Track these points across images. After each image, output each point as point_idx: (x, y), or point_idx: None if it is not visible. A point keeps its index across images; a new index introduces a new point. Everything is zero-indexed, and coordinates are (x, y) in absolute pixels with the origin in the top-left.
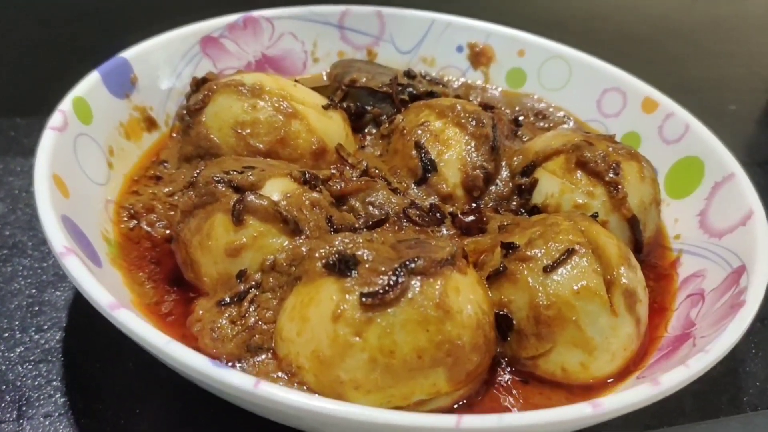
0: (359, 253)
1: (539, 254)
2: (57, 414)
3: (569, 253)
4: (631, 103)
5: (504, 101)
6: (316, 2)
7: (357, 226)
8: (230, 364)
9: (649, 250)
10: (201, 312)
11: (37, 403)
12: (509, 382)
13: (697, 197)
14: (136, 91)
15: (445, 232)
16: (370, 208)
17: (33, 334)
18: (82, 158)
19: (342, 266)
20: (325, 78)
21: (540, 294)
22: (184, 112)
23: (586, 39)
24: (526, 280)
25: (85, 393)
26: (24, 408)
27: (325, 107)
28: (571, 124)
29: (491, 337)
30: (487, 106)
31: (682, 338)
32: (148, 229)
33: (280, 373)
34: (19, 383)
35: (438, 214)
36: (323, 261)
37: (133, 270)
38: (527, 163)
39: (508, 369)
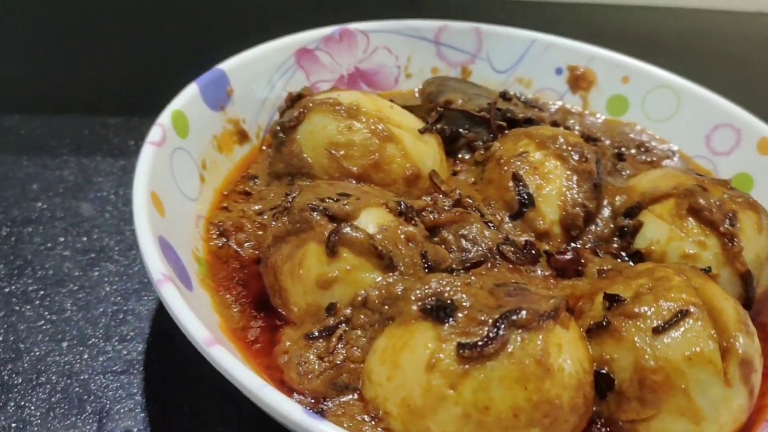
0: (457, 297)
1: (648, 312)
2: (136, 429)
3: (682, 314)
4: (746, 142)
5: (604, 130)
6: (413, 16)
7: (453, 266)
8: (314, 401)
9: (760, 308)
10: (288, 344)
11: (117, 416)
12: None
13: None
14: (231, 104)
15: (539, 272)
16: (463, 241)
17: (116, 343)
18: (178, 173)
19: (439, 312)
20: (416, 95)
21: (647, 356)
22: (278, 128)
23: (688, 60)
24: (633, 339)
25: (165, 409)
26: (104, 420)
27: (422, 131)
28: (676, 159)
29: (590, 396)
30: (589, 138)
31: None
32: (237, 248)
33: (366, 417)
34: (100, 394)
35: (533, 252)
36: (419, 304)
37: (221, 291)
38: (632, 204)
39: (604, 430)
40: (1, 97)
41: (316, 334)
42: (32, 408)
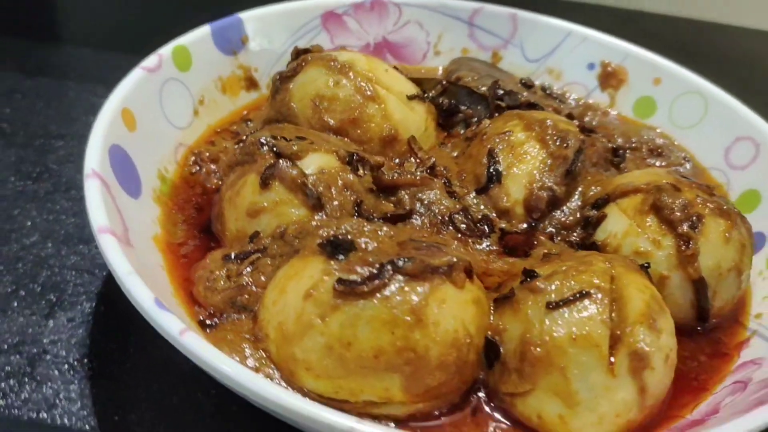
0: (359, 240)
1: (550, 289)
2: (78, 320)
3: (582, 295)
4: (763, 158)
5: (621, 130)
6: None
7: (373, 215)
8: (210, 314)
9: (719, 323)
10: (208, 261)
11: (69, 308)
12: (479, 414)
13: None
14: (245, 51)
15: (485, 246)
16: (418, 204)
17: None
18: (167, 100)
19: (335, 248)
20: (440, 72)
21: (534, 329)
22: (277, 77)
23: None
24: (526, 312)
25: (109, 306)
26: (56, 308)
27: (410, 97)
28: (688, 167)
29: (469, 359)
30: (585, 129)
31: (696, 424)
32: (205, 177)
33: (250, 337)
34: (63, 287)
35: (486, 227)
36: (320, 240)
37: (175, 210)
38: (601, 196)
39: (485, 399)
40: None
41: (233, 256)
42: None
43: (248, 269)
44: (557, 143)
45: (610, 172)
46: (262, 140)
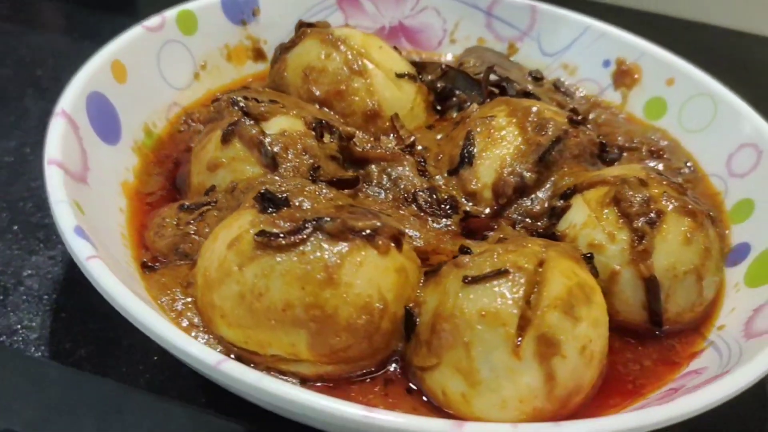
0: (295, 199)
1: (472, 264)
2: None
3: (500, 273)
4: (763, 166)
5: (626, 129)
6: None
7: (321, 178)
8: (154, 257)
9: (677, 331)
10: (166, 209)
11: (52, 247)
12: (390, 386)
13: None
14: (255, 22)
15: (442, 225)
16: (385, 178)
17: None
18: (166, 60)
19: (267, 202)
20: (449, 58)
21: (448, 303)
22: (278, 48)
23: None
24: (445, 285)
25: None
26: (41, 246)
27: (398, 75)
28: (686, 171)
29: (382, 327)
30: (576, 121)
31: None
32: (192, 136)
33: (182, 281)
34: (52, 228)
35: (448, 208)
36: (257, 193)
37: (153, 162)
38: (570, 186)
39: (400, 372)
40: None
41: (186, 206)
42: None
43: (197, 219)
44: (535, 130)
45: (596, 167)
46: (234, 99)
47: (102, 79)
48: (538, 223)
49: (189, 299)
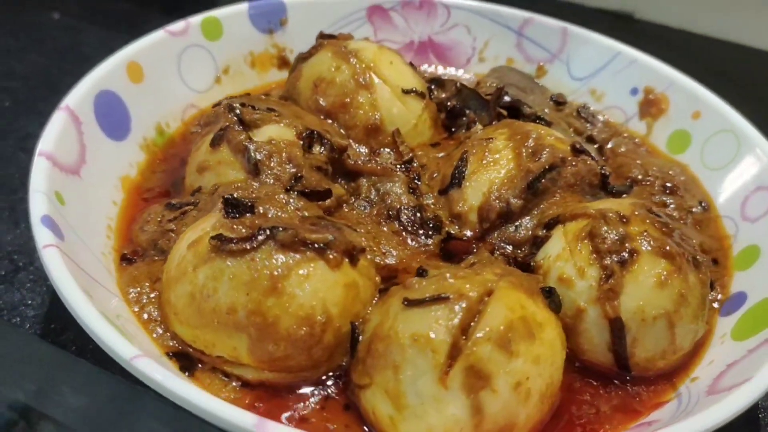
0: (261, 207)
1: (417, 287)
2: None
3: (439, 299)
4: None
5: (644, 161)
6: (500, 1)
7: (291, 187)
8: (135, 250)
9: (651, 378)
10: (155, 206)
11: None
12: (330, 399)
13: (747, 346)
14: (282, 32)
15: (421, 244)
16: (373, 192)
17: None
18: (187, 64)
19: (232, 207)
20: (472, 77)
21: (386, 323)
22: (297, 58)
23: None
24: (389, 305)
25: None
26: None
27: (405, 91)
28: (698, 211)
29: (324, 340)
30: (578, 150)
31: None
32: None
33: (152, 276)
34: None
35: (431, 228)
36: (226, 198)
37: (160, 160)
38: (554, 216)
39: (341, 386)
40: None
41: (172, 204)
42: None
43: (178, 218)
44: (529, 155)
45: (596, 199)
46: (230, 105)
47: (115, 78)
48: (519, 251)
49: (153, 294)
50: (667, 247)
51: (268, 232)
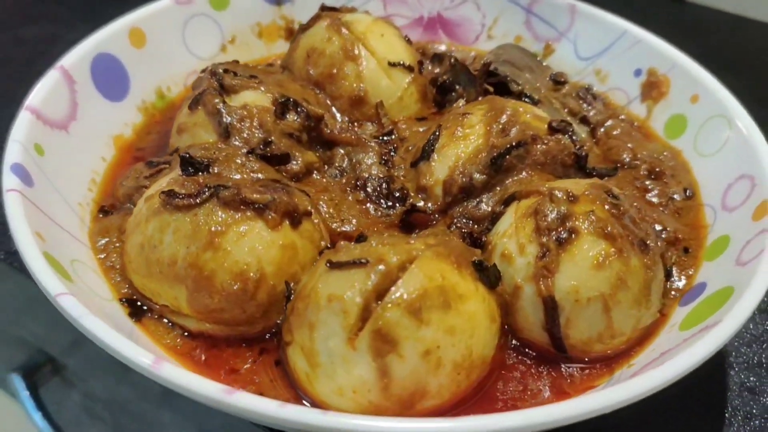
0: (218, 167)
1: (345, 251)
2: None
3: (359, 263)
4: (752, 201)
5: (636, 144)
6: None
7: (256, 150)
8: (112, 203)
9: (590, 362)
10: (139, 164)
11: None
12: (264, 354)
13: (685, 335)
14: (291, 4)
15: (382, 215)
16: (345, 161)
17: None
18: (192, 31)
19: (189, 165)
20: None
21: (310, 283)
22: (298, 28)
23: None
24: (316, 267)
25: None
26: None
27: (391, 64)
28: (679, 198)
29: (257, 297)
30: (554, 129)
31: None
32: None
33: (122, 228)
34: None
35: (396, 201)
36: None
37: (156, 123)
38: (512, 193)
39: (275, 342)
40: None
41: (152, 162)
42: None
43: (154, 176)
44: (497, 130)
45: (569, 178)
46: (213, 71)
47: (116, 42)
48: (476, 227)
49: (120, 244)
50: (609, 228)
51: (212, 189)
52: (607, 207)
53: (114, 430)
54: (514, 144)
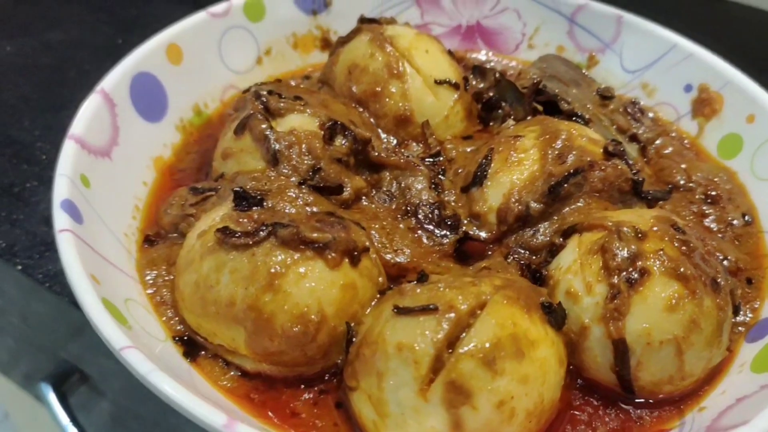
0: (271, 200)
1: (411, 294)
2: None
3: (428, 309)
4: None
5: (690, 165)
6: None
7: (307, 181)
8: (158, 232)
9: (658, 402)
10: (182, 189)
11: None
12: (323, 395)
13: (761, 381)
14: (326, 13)
15: (435, 243)
16: (394, 186)
17: None
18: (227, 45)
19: (243, 199)
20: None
21: (376, 328)
22: (337, 41)
23: None
24: (382, 309)
25: None
26: None
27: (438, 82)
28: (738, 224)
29: (318, 339)
30: (610, 153)
31: None
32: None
33: (171, 260)
34: None
35: (449, 226)
36: (237, 189)
37: (193, 142)
38: (573, 225)
39: (334, 382)
40: None
41: (196, 188)
42: None
43: (199, 203)
44: (554, 157)
45: (627, 205)
46: (257, 92)
47: (154, 60)
48: (534, 257)
49: (169, 277)
50: (682, 269)
51: (270, 228)
52: (676, 244)
53: None
54: (572, 171)
